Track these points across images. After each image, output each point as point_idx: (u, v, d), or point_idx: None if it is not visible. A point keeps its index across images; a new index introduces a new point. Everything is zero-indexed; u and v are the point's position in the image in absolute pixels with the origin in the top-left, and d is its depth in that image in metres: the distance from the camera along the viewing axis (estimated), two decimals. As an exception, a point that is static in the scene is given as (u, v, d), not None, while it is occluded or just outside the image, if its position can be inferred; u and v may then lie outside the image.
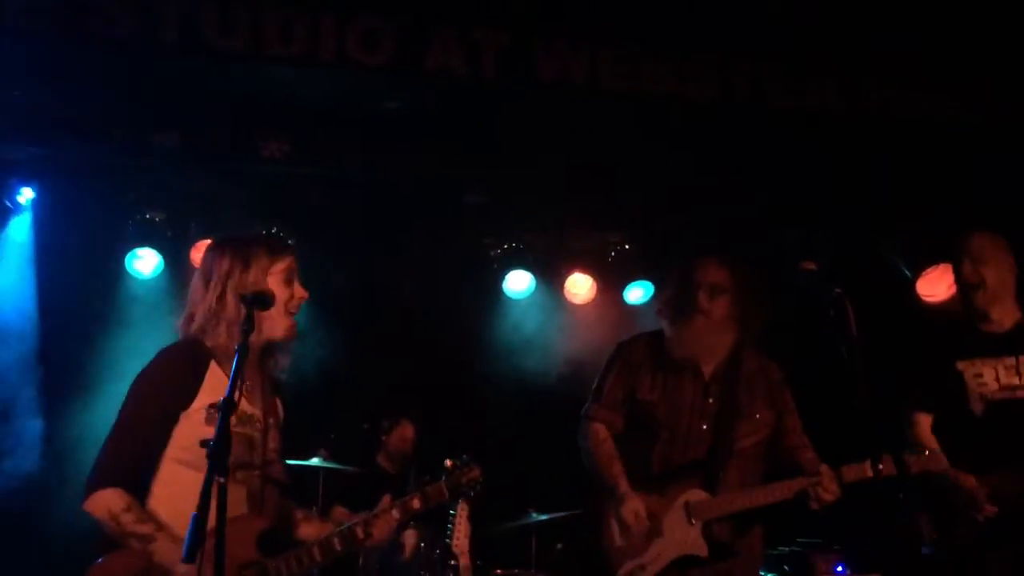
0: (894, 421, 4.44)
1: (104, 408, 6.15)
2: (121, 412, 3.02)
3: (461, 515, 5.47)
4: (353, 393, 6.49)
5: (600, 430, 4.10)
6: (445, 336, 6.93)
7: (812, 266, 3.34)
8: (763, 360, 4.12)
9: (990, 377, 4.19)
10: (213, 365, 3.04)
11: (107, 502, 2.89)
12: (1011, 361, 4.19)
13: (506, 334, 7.04)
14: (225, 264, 3.08)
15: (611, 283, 7.15)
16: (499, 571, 5.64)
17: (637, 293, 7.14)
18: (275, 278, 3.09)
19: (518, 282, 7.02)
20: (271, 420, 3.19)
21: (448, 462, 3.29)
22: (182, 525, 2.61)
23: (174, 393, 2.99)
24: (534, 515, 5.81)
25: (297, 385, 3.47)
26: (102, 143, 5.85)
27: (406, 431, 6.25)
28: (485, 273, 7.02)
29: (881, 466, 3.59)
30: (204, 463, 2.69)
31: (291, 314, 3.14)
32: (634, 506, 3.84)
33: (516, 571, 5.64)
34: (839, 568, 5.81)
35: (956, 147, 5.81)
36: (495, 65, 5.27)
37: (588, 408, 4.18)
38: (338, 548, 3.10)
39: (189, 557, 2.58)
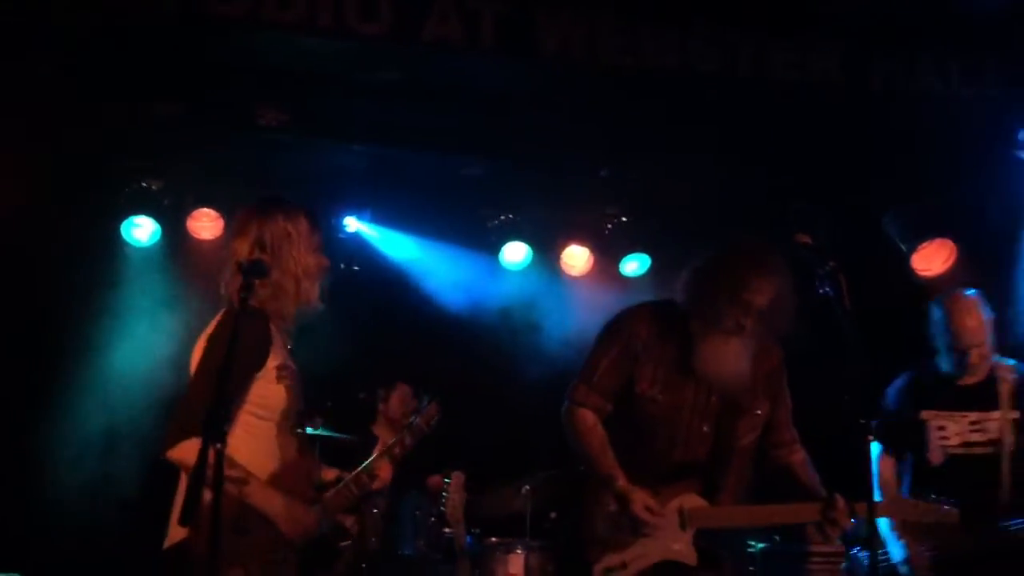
0: (885, 395, 4.51)
1: (104, 371, 6.27)
2: (199, 368, 3.17)
3: (456, 484, 5.50)
4: (347, 362, 6.50)
5: (588, 416, 3.76)
6: (440, 307, 6.95)
7: (807, 239, 3.36)
8: (765, 344, 3.74)
9: (952, 431, 4.31)
10: (272, 328, 3.29)
11: (195, 450, 2.86)
12: (975, 416, 4.30)
13: (501, 305, 7.06)
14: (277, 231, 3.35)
15: (608, 255, 7.16)
16: (493, 539, 5.68)
17: (633, 266, 7.16)
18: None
19: (514, 253, 7.03)
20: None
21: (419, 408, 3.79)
22: (259, 470, 3.13)
23: (250, 353, 3.17)
24: (528, 484, 5.84)
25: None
26: (100, 111, 5.83)
27: (404, 391, 6.28)
28: (482, 244, 7.02)
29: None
30: (277, 416, 3.21)
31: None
32: (644, 500, 3.56)
33: (510, 540, 5.68)
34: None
35: (953, 123, 5.82)
36: (494, 35, 5.25)
37: (576, 390, 3.79)
38: (355, 492, 3.47)
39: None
